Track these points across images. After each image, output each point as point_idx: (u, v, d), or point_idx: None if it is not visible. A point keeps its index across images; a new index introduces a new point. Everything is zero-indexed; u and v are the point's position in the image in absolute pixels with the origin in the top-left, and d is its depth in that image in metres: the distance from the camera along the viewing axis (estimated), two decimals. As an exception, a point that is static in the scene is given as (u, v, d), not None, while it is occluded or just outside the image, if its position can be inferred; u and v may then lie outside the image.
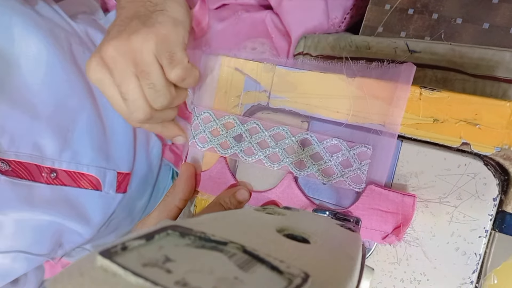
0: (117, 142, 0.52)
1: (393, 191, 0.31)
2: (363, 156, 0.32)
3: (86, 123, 0.48)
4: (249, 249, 0.16)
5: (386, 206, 0.31)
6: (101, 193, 0.50)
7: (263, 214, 0.23)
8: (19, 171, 0.43)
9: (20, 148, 0.43)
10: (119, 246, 0.15)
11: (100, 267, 0.14)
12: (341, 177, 0.33)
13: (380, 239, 0.32)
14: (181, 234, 0.17)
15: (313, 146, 0.34)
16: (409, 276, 0.31)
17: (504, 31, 0.40)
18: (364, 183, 0.32)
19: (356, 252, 0.20)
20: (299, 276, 0.15)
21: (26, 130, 0.44)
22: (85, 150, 0.48)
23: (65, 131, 0.47)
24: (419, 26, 0.43)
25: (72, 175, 0.48)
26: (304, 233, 0.20)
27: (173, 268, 0.14)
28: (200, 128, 0.39)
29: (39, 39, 0.45)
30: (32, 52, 0.45)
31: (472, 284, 0.29)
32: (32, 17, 0.45)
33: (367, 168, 0.32)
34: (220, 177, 0.39)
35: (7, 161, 0.42)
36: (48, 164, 0.46)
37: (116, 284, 0.13)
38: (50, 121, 0.45)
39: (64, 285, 0.13)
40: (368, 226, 0.32)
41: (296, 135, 0.35)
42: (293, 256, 0.17)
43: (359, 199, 0.32)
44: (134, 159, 0.54)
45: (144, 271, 0.13)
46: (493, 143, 0.28)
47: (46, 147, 0.45)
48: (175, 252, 0.15)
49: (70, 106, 0.47)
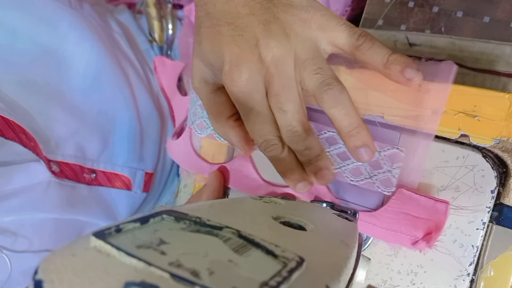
0: (149, 143, 0.54)
1: (425, 196, 0.29)
2: (395, 158, 0.30)
3: (125, 125, 0.50)
4: (244, 234, 0.16)
5: (416, 211, 0.30)
6: (129, 192, 0.52)
7: (260, 202, 0.23)
8: (66, 172, 0.44)
9: (66, 150, 0.45)
10: (114, 228, 0.15)
11: (93, 247, 0.14)
12: (370, 178, 0.31)
13: (410, 244, 0.30)
14: (176, 218, 0.17)
15: (340, 144, 0.32)
16: (406, 268, 0.31)
17: (505, 25, 0.40)
18: (395, 186, 0.30)
19: (352, 240, 0.20)
20: (294, 260, 0.15)
21: (72, 132, 0.45)
22: (121, 151, 0.50)
23: (107, 133, 0.48)
24: (419, 19, 0.43)
25: (108, 176, 0.49)
26: (300, 221, 0.20)
27: (168, 250, 0.14)
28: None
29: (91, 44, 0.46)
30: (85, 56, 0.46)
31: (469, 276, 0.29)
32: (85, 21, 0.47)
33: (399, 172, 0.30)
34: (241, 169, 0.37)
35: (56, 162, 0.43)
36: (89, 165, 0.47)
37: (110, 264, 0.13)
38: (94, 123, 0.47)
39: (56, 265, 0.12)
40: (397, 230, 0.30)
41: (322, 131, 0.32)
42: (289, 241, 0.17)
43: (388, 202, 0.31)
44: (158, 159, 0.55)
45: (138, 252, 0.13)
46: (491, 135, 0.28)
47: (88, 148, 0.47)
48: (169, 235, 0.15)
49: (113, 109, 0.49)
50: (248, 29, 0.27)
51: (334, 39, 0.28)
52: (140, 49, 0.56)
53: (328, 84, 0.27)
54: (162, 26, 0.57)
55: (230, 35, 0.28)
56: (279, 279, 0.13)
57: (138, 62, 0.54)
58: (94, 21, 0.49)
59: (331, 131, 0.32)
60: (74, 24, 0.45)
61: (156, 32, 0.57)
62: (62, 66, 0.45)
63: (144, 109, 0.52)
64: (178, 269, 0.13)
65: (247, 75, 0.27)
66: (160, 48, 0.58)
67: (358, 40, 0.27)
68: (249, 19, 0.28)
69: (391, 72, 0.27)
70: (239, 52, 0.27)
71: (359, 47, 0.27)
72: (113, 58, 0.49)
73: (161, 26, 0.57)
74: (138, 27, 0.57)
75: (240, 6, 0.28)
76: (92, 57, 0.46)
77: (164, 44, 0.58)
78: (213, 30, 0.29)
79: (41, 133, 0.42)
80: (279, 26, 0.27)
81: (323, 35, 0.28)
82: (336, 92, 0.27)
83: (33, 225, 0.42)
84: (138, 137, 0.52)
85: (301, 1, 0.28)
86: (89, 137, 0.46)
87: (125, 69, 0.51)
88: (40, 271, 0.12)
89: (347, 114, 0.27)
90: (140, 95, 0.52)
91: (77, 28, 0.45)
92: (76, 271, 0.12)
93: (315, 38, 0.28)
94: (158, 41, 0.57)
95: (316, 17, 0.28)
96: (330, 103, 0.27)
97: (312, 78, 0.27)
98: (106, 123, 0.48)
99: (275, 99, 0.28)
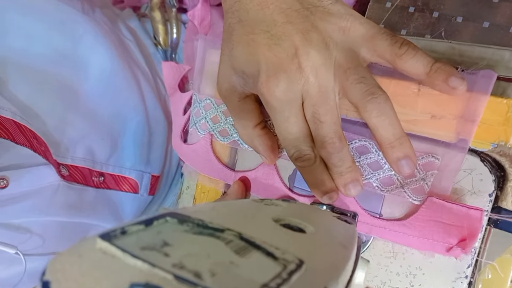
0: (157, 146, 0.54)
1: (457, 204, 0.29)
2: (429, 166, 0.29)
3: (134, 129, 0.51)
4: (245, 236, 0.17)
5: (449, 218, 0.29)
6: (136, 195, 0.52)
7: (261, 205, 0.23)
8: (75, 175, 0.45)
9: (76, 153, 0.45)
10: (119, 230, 0.15)
11: (99, 249, 0.14)
12: (401, 187, 0.30)
13: (444, 251, 0.30)
14: (180, 221, 0.17)
15: (372, 154, 0.31)
16: (404, 270, 0.31)
17: (504, 30, 0.40)
18: (426, 195, 0.30)
19: (351, 242, 0.20)
20: (294, 262, 0.15)
21: (83, 135, 0.46)
22: (129, 155, 0.51)
23: (117, 136, 0.49)
24: (419, 24, 0.44)
25: (116, 179, 0.50)
26: (300, 223, 0.20)
27: (171, 252, 0.14)
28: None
29: (105, 49, 0.47)
30: (99, 61, 0.47)
31: (467, 278, 0.29)
32: (98, 27, 0.48)
33: (432, 180, 0.29)
34: (266, 178, 0.36)
35: (65, 165, 0.44)
36: (98, 168, 0.48)
37: (115, 266, 0.13)
38: (105, 127, 0.48)
39: (63, 265, 0.13)
40: (429, 238, 0.30)
41: (352, 141, 0.31)
42: (289, 244, 0.17)
43: (418, 210, 0.30)
44: (164, 162, 0.56)
45: (142, 254, 0.14)
46: (489, 140, 0.28)
47: (97, 151, 0.47)
48: (173, 237, 0.16)
49: (123, 113, 0.49)
50: (285, 38, 0.27)
51: (375, 47, 0.27)
52: (148, 54, 0.57)
53: (372, 94, 0.26)
54: (167, 29, 0.58)
55: (266, 43, 0.27)
56: (279, 280, 0.13)
57: (147, 67, 0.55)
58: (106, 26, 0.49)
59: (362, 140, 0.31)
60: (88, 29, 0.46)
61: (161, 36, 0.58)
62: (77, 70, 0.45)
63: (153, 113, 0.53)
64: (181, 271, 0.13)
65: (286, 85, 0.26)
66: (165, 52, 0.59)
67: (401, 49, 0.26)
68: (287, 27, 0.27)
69: (435, 81, 0.26)
70: (277, 61, 0.26)
71: (402, 56, 0.26)
72: (124, 63, 0.49)
73: (165, 30, 0.58)
74: (144, 31, 0.57)
75: (276, 14, 0.27)
76: (106, 62, 0.47)
77: (168, 47, 0.58)
78: (246, 38, 0.28)
79: (52, 137, 0.43)
80: (318, 35, 0.27)
81: (363, 44, 0.27)
82: (380, 102, 0.26)
83: (41, 228, 0.42)
84: (146, 141, 0.52)
85: (339, 9, 0.27)
86: (99, 140, 0.47)
87: (136, 73, 0.51)
88: (47, 271, 0.13)
89: (391, 124, 0.26)
90: (149, 99, 0.53)
91: (91, 33, 0.46)
92: (82, 272, 0.13)
93: (355, 47, 0.27)
94: (162, 44, 0.58)
95: (355, 26, 0.27)
96: (374, 113, 0.26)
97: (355, 88, 0.26)
98: (116, 127, 0.49)
99: (313, 109, 0.27)
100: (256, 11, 0.27)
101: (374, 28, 0.27)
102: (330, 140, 0.27)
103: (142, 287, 0.12)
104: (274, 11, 0.27)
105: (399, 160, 0.26)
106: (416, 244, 0.30)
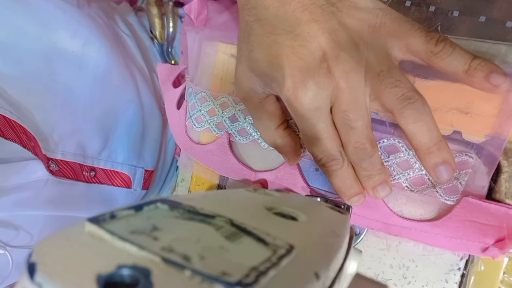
0: (150, 141, 0.54)
1: (494, 204, 0.27)
2: (463, 165, 0.28)
3: (127, 123, 0.50)
4: (236, 222, 0.16)
5: (485, 218, 0.28)
6: (129, 190, 0.52)
7: (254, 194, 0.23)
8: (65, 170, 0.44)
9: (66, 147, 0.44)
10: (108, 215, 0.15)
11: (87, 232, 0.14)
12: (433, 187, 0.29)
13: (480, 252, 0.29)
14: (170, 207, 0.17)
15: (401, 153, 0.30)
16: (398, 262, 0.31)
17: (501, 24, 0.40)
18: (459, 194, 0.29)
19: (343, 231, 0.20)
20: (284, 247, 0.15)
21: (74, 129, 0.45)
22: (121, 149, 0.50)
23: (108, 131, 0.48)
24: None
25: (108, 173, 0.49)
26: (292, 212, 0.20)
27: (160, 236, 0.14)
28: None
29: (100, 43, 0.47)
30: (93, 56, 0.46)
31: (460, 270, 0.30)
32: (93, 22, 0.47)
33: (466, 179, 0.28)
34: (288, 178, 0.35)
35: (55, 160, 0.43)
36: (89, 163, 0.47)
37: (102, 249, 0.13)
38: (97, 122, 0.47)
39: (50, 248, 0.13)
40: (464, 238, 0.29)
41: (380, 140, 0.30)
42: (280, 230, 0.17)
43: (452, 210, 0.29)
44: (159, 157, 0.56)
45: (131, 237, 0.14)
46: (484, 132, 0.28)
47: (89, 146, 0.47)
48: (163, 222, 0.16)
49: (117, 108, 0.49)
50: (311, 39, 0.24)
51: (409, 45, 0.25)
52: (145, 48, 0.56)
53: (409, 98, 0.24)
54: (163, 23, 0.57)
55: (290, 45, 0.25)
56: (268, 264, 0.13)
57: (143, 61, 0.54)
58: (101, 21, 0.49)
59: (391, 139, 0.30)
60: (82, 23, 0.45)
61: (157, 30, 0.57)
62: (70, 65, 0.45)
63: (147, 107, 0.53)
64: (169, 254, 0.13)
65: (314, 92, 0.24)
66: (161, 46, 0.58)
67: (437, 46, 0.24)
68: (311, 26, 0.24)
69: (475, 79, 0.24)
70: (304, 66, 0.24)
71: (438, 53, 0.24)
72: (120, 58, 0.49)
73: (162, 24, 0.57)
74: (141, 25, 0.57)
75: (299, 12, 0.25)
76: (101, 57, 0.46)
77: (165, 41, 0.58)
78: (267, 39, 0.26)
79: (42, 131, 0.42)
80: (347, 34, 0.25)
81: (396, 42, 0.25)
82: (418, 107, 0.24)
83: (29, 222, 0.42)
84: (139, 135, 0.52)
85: (366, 3, 0.25)
86: (91, 135, 0.47)
87: (131, 68, 0.51)
88: (34, 253, 0.13)
89: (429, 129, 0.24)
90: (144, 94, 0.52)
91: (86, 27, 0.45)
92: (69, 254, 0.13)
93: (387, 45, 0.25)
94: (159, 38, 0.58)
95: (386, 22, 0.25)
96: (411, 118, 0.24)
97: (390, 92, 0.24)
98: (109, 121, 0.49)
99: (343, 115, 0.25)
100: (276, 8, 0.25)
101: (407, 24, 0.25)
102: (362, 146, 0.26)
103: (130, 269, 0.12)
104: (297, 8, 0.25)
105: (437, 166, 0.25)
106: (449, 244, 0.29)
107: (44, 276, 0.12)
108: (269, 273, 0.13)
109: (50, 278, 0.12)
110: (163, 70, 0.47)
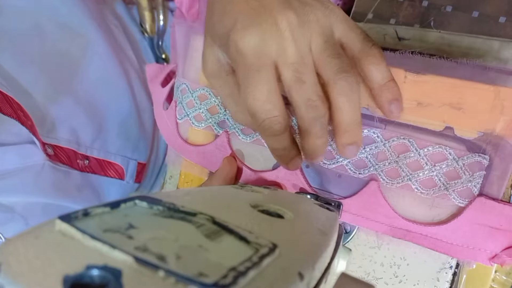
0: (143, 134, 0.54)
1: (510, 205, 0.26)
2: (476, 166, 0.27)
3: (119, 114, 0.50)
4: (218, 220, 0.16)
5: (498, 222, 0.26)
6: (122, 182, 0.52)
7: (239, 191, 0.23)
8: (60, 156, 0.45)
9: (60, 133, 0.45)
10: (81, 212, 0.14)
11: (58, 231, 0.13)
12: (445, 190, 0.28)
13: (487, 260, 0.27)
14: (149, 204, 0.17)
15: (411, 153, 0.29)
16: (389, 261, 0.31)
17: (494, 20, 0.40)
18: (474, 197, 0.27)
19: (331, 229, 0.20)
20: (267, 246, 0.14)
21: (67, 114, 0.45)
22: (113, 139, 0.50)
23: (101, 119, 0.49)
24: (409, 14, 0.43)
25: (102, 163, 0.50)
26: (279, 210, 0.20)
27: (136, 235, 0.14)
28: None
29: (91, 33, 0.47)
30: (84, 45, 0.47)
31: (452, 269, 0.29)
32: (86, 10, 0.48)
33: (481, 181, 0.27)
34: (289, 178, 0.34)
35: (51, 145, 0.43)
36: (82, 151, 0.47)
37: (72, 248, 0.12)
38: (89, 110, 0.47)
39: (16, 247, 0.12)
40: (470, 245, 0.27)
41: (390, 139, 0.29)
42: (264, 228, 0.17)
43: (462, 212, 0.27)
44: (151, 150, 0.56)
45: (103, 236, 0.13)
46: (476, 128, 0.27)
47: (82, 133, 0.47)
48: (140, 220, 0.15)
49: (108, 98, 0.49)
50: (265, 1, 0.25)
51: (348, 38, 0.26)
52: (135, 41, 0.56)
53: (346, 72, 0.25)
54: (154, 17, 0.57)
55: (244, 1, 0.25)
56: (248, 264, 0.13)
57: (134, 54, 0.54)
58: (93, 13, 0.50)
59: (401, 138, 0.29)
60: (74, 12, 0.46)
61: (147, 23, 0.57)
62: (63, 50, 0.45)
63: (140, 99, 0.53)
64: (143, 253, 0.12)
65: (260, 36, 0.24)
66: (151, 39, 0.58)
67: (371, 50, 0.26)
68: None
69: (381, 97, 0.26)
70: (254, 14, 0.25)
71: (368, 57, 0.26)
72: (111, 49, 0.49)
73: (152, 17, 0.57)
74: (131, 18, 0.57)
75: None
76: (92, 46, 0.47)
77: (155, 35, 0.57)
78: (225, 1, 0.26)
79: (37, 113, 0.42)
80: (300, 3, 0.26)
81: (341, 29, 0.26)
82: (352, 83, 0.25)
83: (24, 208, 0.42)
84: (132, 127, 0.52)
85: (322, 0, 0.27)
86: (83, 122, 0.47)
87: (122, 60, 0.51)
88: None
89: (354, 108, 0.25)
90: (135, 86, 0.53)
91: (77, 15, 0.46)
92: (37, 253, 0.12)
93: (333, 28, 0.26)
94: (149, 31, 0.57)
95: (337, 12, 0.26)
96: (343, 91, 0.25)
97: (331, 62, 0.25)
98: (101, 110, 0.49)
99: (292, 68, 0.25)
100: None
101: (353, 22, 0.27)
102: (314, 103, 0.25)
103: (99, 270, 0.11)
104: None
105: (346, 145, 0.26)
106: (456, 252, 0.28)
107: (7, 277, 0.11)
108: (248, 274, 0.12)
109: (13, 279, 0.11)
110: (151, 70, 0.46)
